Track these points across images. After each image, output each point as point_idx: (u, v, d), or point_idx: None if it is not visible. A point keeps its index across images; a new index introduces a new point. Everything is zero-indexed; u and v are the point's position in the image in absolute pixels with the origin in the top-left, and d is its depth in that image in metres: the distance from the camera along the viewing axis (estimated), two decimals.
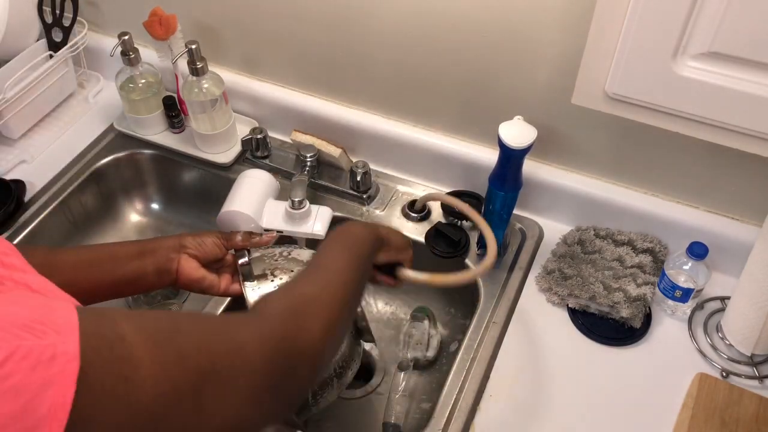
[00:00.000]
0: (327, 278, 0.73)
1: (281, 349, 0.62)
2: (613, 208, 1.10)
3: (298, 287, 0.71)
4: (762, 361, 0.99)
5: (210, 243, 0.89)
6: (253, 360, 0.59)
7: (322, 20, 1.10)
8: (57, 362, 0.45)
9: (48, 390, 0.45)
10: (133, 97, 1.24)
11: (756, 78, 0.70)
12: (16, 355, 0.44)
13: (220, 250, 0.90)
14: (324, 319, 0.68)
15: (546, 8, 0.93)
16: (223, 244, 0.90)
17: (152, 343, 0.52)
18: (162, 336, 0.54)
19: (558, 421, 0.94)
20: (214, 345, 0.57)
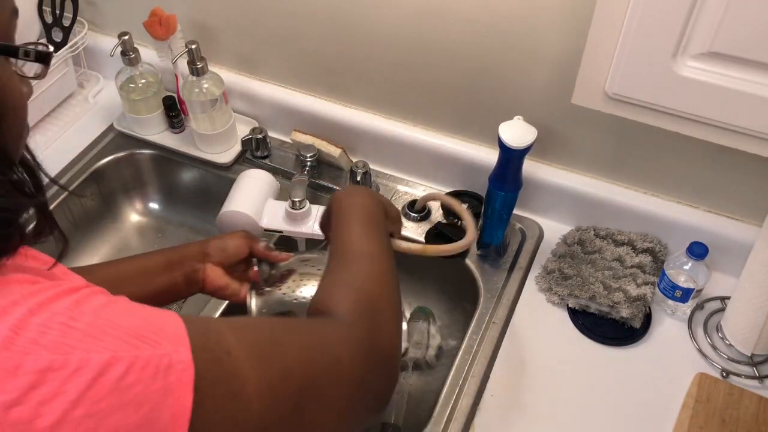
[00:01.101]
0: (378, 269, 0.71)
1: (369, 356, 0.62)
2: (613, 208, 1.10)
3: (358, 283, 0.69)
4: (762, 361, 0.99)
5: (233, 246, 0.89)
6: (348, 371, 0.59)
7: (322, 20, 1.10)
8: (174, 371, 0.46)
9: (168, 398, 0.45)
10: (133, 97, 1.24)
11: (756, 78, 0.70)
12: (136, 365, 0.45)
13: (244, 252, 0.89)
14: (393, 314, 0.68)
15: (546, 8, 0.93)
16: (246, 244, 0.90)
17: (257, 359, 0.52)
18: (265, 351, 0.54)
19: (558, 421, 0.94)
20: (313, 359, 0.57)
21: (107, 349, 0.44)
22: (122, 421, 0.44)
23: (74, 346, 0.44)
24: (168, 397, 0.45)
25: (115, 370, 0.44)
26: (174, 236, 1.33)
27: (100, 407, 0.43)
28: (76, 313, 0.46)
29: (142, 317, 0.49)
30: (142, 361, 0.45)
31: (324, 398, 0.57)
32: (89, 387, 0.43)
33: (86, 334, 0.45)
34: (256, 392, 0.51)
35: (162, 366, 0.45)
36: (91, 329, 0.46)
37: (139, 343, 0.46)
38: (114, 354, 0.44)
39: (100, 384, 0.43)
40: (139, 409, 0.44)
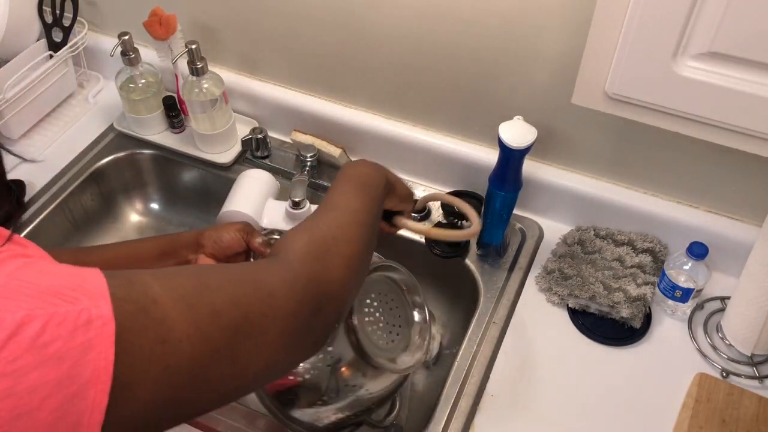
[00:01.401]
0: (344, 218, 0.73)
1: (308, 292, 0.62)
2: (613, 208, 1.10)
3: (317, 228, 0.71)
4: (762, 361, 0.99)
5: (228, 239, 0.87)
6: (282, 306, 0.59)
7: (322, 20, 1.10)
8: (93, 326, 0.45)
9: (89, 353, 0.44)
10: (133, 97, 1.24)
11: (756, 78, 0.70)
12: (52, 321, 0.44)
13: (239, 245, 0.88)
14: (346, 258, 0.68)
15: (546, 8, 0.93)
16: (242, 238, 0.88)
17: (185, 303, 0.52)
18: (193, 295, 0.53)
19: (558, 421, 0.94)
20: (244, 297, 0.57)
21: (21, 308, 0.44)
22: (42, 379, 0.43)
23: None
24: (89, 352, 0.44)
25: (30, 328, 0.43)
26: None
27: (16, 366, 0.42)
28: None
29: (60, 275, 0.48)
30: (58, 317, 0.44)
31: (257, 333, 0.56)
32: (4, 346, 0.42)
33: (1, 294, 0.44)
34: (185, 335, 0.51)
35: (81, 321, 0.45)
36: (3, 290, 0.45)
37: (57, 300, 0.45)
38: (28, 312, 0.44)
39: (14, 343, 0.42)
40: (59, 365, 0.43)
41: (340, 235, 0.70)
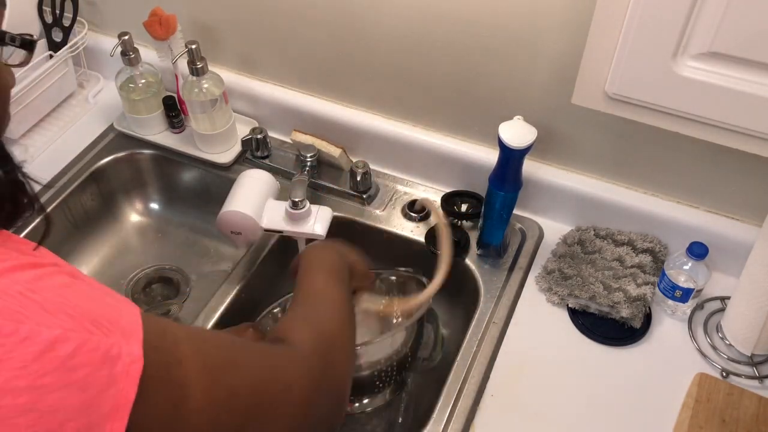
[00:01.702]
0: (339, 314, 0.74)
1: (321, 386, 0.63)
2: (613, 208, 1.10)
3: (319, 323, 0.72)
4: (762, 361, 0.99)
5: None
6: (298, 398, 0.60)
7: (322, 20, 1.10)
8: (122, 362, 0.45)
9: (112, 388, 0.45)
10: (133, 97, 1.24)
11: (756, 78, 0.70)
12: (84, 347, 0.44)
13: None
14: (347, 354, 0.72)
15: (546, 8, 0.93)
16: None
17: (208, 374, 0.52)
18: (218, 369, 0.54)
19: (558, 420, 0.94)
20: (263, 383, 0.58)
21: (59, 326, 0.44)
22: (64, 401, 0.43)
23: (28, 316, 0.44)
24: (112, 386, 0.45)
25: (63, 348, 0.43)
26: (174, 236, 1.34)
27: (44, 382, 0.42)
28: (36, 286, 0.46)
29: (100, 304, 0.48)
30: (91, 344, 0.45)
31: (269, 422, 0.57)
32: (35, 359, 0.42)
33: (41, 308, 0.45)
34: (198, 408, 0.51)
35: (111, 354, 0.45)
36: (47, 304, 0.45)
37: (93, 327, 0.45)
38: (64, 332, 0.44)
39: (47, 358, 0.43)
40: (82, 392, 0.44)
41: (340, 333, 0.72)
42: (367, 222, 1.18)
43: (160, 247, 1.32)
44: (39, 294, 0.45)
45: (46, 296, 0.46)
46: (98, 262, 1.29)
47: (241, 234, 1.06)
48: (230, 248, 1.30)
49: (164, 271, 1.28)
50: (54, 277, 0.48)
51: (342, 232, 1.14)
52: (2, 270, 0.46)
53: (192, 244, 1.33)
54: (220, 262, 1.30)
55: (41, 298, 0.45)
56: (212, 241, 1.32)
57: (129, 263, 1.29)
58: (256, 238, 1.08)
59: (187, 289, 1.25)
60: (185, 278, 1.27)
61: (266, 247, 1.16)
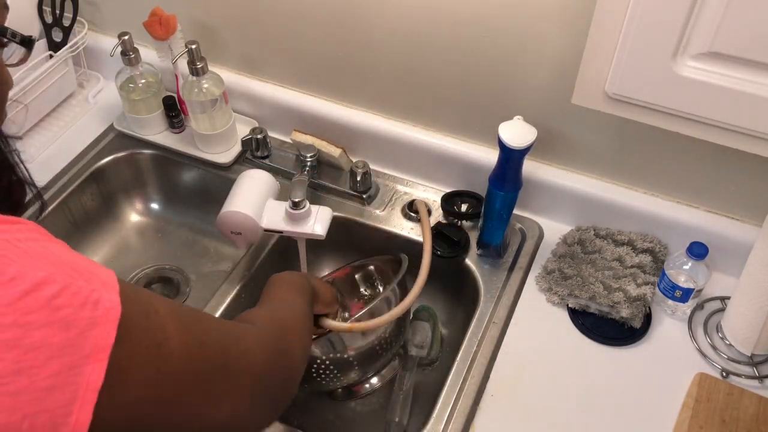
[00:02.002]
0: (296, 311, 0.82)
1: (276, 362, 0.69)
2: (613, 208, 1.10)
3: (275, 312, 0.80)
4: (762, 361, 0.99)
5: None
6: (255, 364, 0.65)
7: (323, 20, 1.10)
8: (101, 306, 0.47)
9: (93, 329, 0.47)
10: (133, 97, 1.24)
11: (756, 78, 0.70)
12: (68, 290, 0.46)
13: None
14: (301, 343, 0.78)
15: (546, 8, 0.93)
16: None
17: (181, 323, 0.56)
18: (188, 320, 0.58)
19: (558, 421, 0.94)
20: (227, 342, 0.63)
21: (43, 270, 0.46)
22: (47, 339, 0.45)
23: (13, 260, 0.46)
24: (93, 328, 0.47)
25: (48, 289, 0.45)
26: (174, 236, 1.34)
27: (29, 319, 0.44)
28: (20, 235, 0.49)
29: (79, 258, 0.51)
30: (74, 287, 0.47)
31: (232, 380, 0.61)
32: (21, 298, 0.44)
33: (26, 253, 0.47)
34: (177, 349, 0.54)
35: (92, 298, 0.47)
36: (30, 251, 0.47)
37: (75, 274, 0.48)
38: (49, 274, 0.46)
39: (32, 297, 0.45)
40: (64, 331, 0.45)
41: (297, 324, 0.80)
42: (367, 222, 1.18)
43: (160, 247, 1.32)
44: (23, 243, 0.48)
45: (29, 245, 0.48)
46: (98, 262, 1.29)
47: (241, 234, 1.06)
48: (230, 248, 1.30)
49: (164, 271, 1.28)
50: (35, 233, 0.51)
51: (342, 232, 1.14)
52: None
53: (192, 244, 1.33)
54: (220, 262, 1.30)
55: (26, 247, 0.48)
56: (212, 241, 1.32)
57: (129, 263, 1.29)
58: (256, 238, 1.08)
59: (187, 289, 1.25)
60: (185, 278, 1.27)
61: (266, 247, 1.16)
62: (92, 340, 0.46)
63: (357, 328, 0.94)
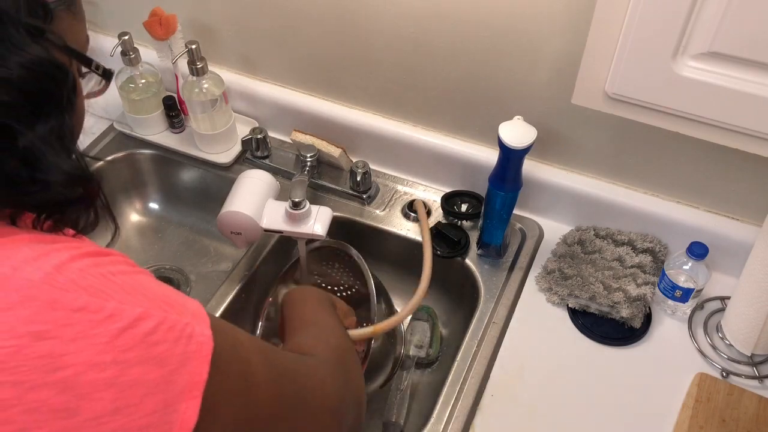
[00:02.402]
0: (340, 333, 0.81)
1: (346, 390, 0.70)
2: (613, 208, 1.10)
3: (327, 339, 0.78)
4: (762, 361, 0.99)
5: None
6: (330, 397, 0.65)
7: (322, 20, 1.10)
8: (195, 341, 0.48)
9: (187, 365, 0.47)
10: (133, 97, 1.24)
11: (756, 78, 0.70)
12: (163, 325, 0.47)
13: None
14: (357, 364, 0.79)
15: (546, 8, 0.93)
16: None
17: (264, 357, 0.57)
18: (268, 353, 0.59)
19: (558, 421, 0.94)
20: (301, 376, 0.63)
21: (140, 305, 0.46)
22: (144, 376, 0.45)
23: (111, 295, 0.46)
24: (187, 363, 0.47)
25: (145, 324, 0.46)
26: (174, 236, 1.34)
27: (127, 356, 0.44)
28: (114, 269, 0.49)
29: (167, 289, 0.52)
30: (169, 322, 0.47)
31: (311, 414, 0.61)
32: (119, 335, 0.44)
33: (122, 288, 0.47)
34: (263, 383, 0.55)
35: (186, 333, 0.47)
36: (125, 286, 0.48)
37: (167, 307, 0.48)
38: (145, 310, 0.46)
39: (129, 334, 0.45)
40: (160, 367, 0.45)
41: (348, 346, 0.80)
42: (367, 222, 1.18)
43: (160, 247, 1.32)
44: (117, 277, 0.48)
45: (123, 279, 0.49)
46: None
47: (241, 234, 1.06)
48: (230, 248, 1.30)
49: (164, 271, 1.28)
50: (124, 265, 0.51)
51: (342, 232, 1.14)
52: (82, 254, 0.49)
53: (192, 244, 1.33)
54: (220, 262, 1.30)
55: (120, 281, 0.48)
56: (212, 241, 1.32)
57: None
58: (256, 238, 1.08)
59: (187, 289, 1.25)
60: (185, 278, 1.27)
61: (266, 247, 1.16)
62: (186, 376, 0.46)
63: (380, 329, 0.92)
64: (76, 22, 0.56)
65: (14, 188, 0.50)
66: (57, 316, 0.43)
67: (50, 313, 0.43)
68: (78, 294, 0.45)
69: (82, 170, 0.54)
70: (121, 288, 0.47)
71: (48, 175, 0.50)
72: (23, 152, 0.48)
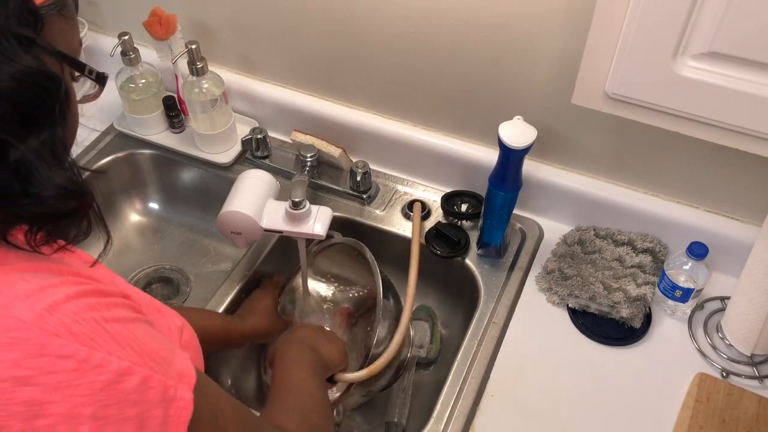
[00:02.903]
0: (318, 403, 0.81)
1: None
2: (613, 208, 1.10)
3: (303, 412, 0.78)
4: (762, 361, 0.99)
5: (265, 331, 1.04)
6: None
7: (322, 20, 1.10)
8: (175, 404, 0.47)
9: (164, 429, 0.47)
10: (133, 97, 1.24)
11: (756, 78, 0.70)
12: (147, 383, 0.46)
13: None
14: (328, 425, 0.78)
15: (546, 8, 0.93)
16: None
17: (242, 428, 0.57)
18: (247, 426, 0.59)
19: (558, 420, 0.94)
20: None
21: (128, 359, 0.46)
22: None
23: (100, 344, 0.45)
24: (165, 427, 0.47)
25: (129, 381, 0.45)
26: (174, 236, 1.33)
27: (106, 413, 0.44)
28: (108, 315, 0.48)
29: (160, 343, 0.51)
30: (153, 381, 0.46)
31: None
32: (103, 389, 0.44)
33: (113, 338, 0.46)
34: None
35: (168, 395, 0.47)
36: (117, 336, 0.47)
37: (155, 365, 0.47)
38: (132, 365, 0.46)
39: (113, 389, 0.44)
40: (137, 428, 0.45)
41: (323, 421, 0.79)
42: (367, 222, 1.18)
43: (160, 247, 1.32)
44: (110, 325, 0.47)
45: (116, 328, 0.48)
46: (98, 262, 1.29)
47: (241, 234, 1.06)
48: (230, 248, 1.30)
49: (164, 271, 1.28)
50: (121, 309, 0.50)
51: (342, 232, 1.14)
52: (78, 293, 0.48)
53: (192, 244, 1.33)
54: (220, 262, 1.30)
55: (112, 329, 0.47)
56: (212, 241, 1.32)
57: (129, 263, 1.29)
58: (256, 238, 1.08)
59: (187, 289, 1.25)
60: (185, 278, 1.27)
61: (266, 247, 1.16)
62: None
63: (374, 370, 0.93)
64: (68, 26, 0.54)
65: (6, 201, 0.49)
66: (43, 363, 0.43)
67: (37, 359, 0.43)
68: (67, 340, 0.44)
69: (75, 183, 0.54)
70: (112, 338, 0.46)
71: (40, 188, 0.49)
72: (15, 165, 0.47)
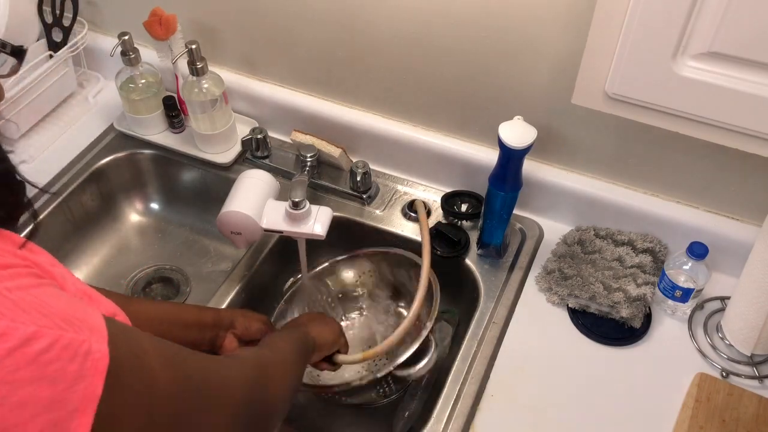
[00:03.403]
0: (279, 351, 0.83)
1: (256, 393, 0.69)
2: (613, 208, 1.10)
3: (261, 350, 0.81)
4: (762, 361, 0.99)
5: (255, 329, 0.97)
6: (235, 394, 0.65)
7: (323, 20, 1.10)
8: (91, 357, 0.47)
9: (81, 382, 0.46)
10: (133, 97, 1.24)
11: (756, 78, 0.70)
12: (58, 343, 0.46)
13: (262, 335, 0.97)
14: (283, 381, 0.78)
15: (546, 8, 0.93)
16: (267, 330, 0.98)
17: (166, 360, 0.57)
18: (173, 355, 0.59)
19: (558, 420, 0.94)
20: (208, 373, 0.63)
21: (34, 323, 0.46)
22: (35, 394, 0.44)
23: (3, 313, 0.45)
24: (81, 381, 0.46)
25: (37, 344, 0.45)
26: (174, 236, 1.34)
27: (16, 376, 0.44)
28: (11, 284, 0.48)
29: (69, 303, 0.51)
30: (64, 341, 0.46)
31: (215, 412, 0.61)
32: (9, 354, 0.44)
33: (16, 305, 0.46)
34: (166, 387, 0.55)
35: (81, 351, 0.47)
36: (21, 302, 0.47)
37: (65, 324, 0.47)
38: (39, 328, 0.45)
39: (20, 353, 0.44)
40: (53, 385, 0.45)
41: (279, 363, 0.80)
42: (367, 222, 1.18)
43: (160, 247, 1.32)
44: (14, 293, 0.47)
45: (20, 295, 0.48)
46: (98, 262, 1.29)
47: (241, 234, 1.06)
48: (230, 248, 1.30)
49: (164, 271, 1.28)
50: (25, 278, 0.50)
51: (342, 232, 1.14)
52: None
53: (192, 244, 1.33)
54: (220, 262, 1.30)
55: (16, 297, 0.47)
56: (212, 241, 1.32)
57: (129, 263, 1.29)
58: (256, 238, 1.08)
59: (187, 289, 1.25)
60: (185, 278, 1.27)
61: (266, 247, 1.16)
62: (80, 393, 0.46)
63: (369, 356, 0.95)
64: None
65: None
66: None
67: None
68: None
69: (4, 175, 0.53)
70: (16, 305, 0.46)
71: None
72: None
